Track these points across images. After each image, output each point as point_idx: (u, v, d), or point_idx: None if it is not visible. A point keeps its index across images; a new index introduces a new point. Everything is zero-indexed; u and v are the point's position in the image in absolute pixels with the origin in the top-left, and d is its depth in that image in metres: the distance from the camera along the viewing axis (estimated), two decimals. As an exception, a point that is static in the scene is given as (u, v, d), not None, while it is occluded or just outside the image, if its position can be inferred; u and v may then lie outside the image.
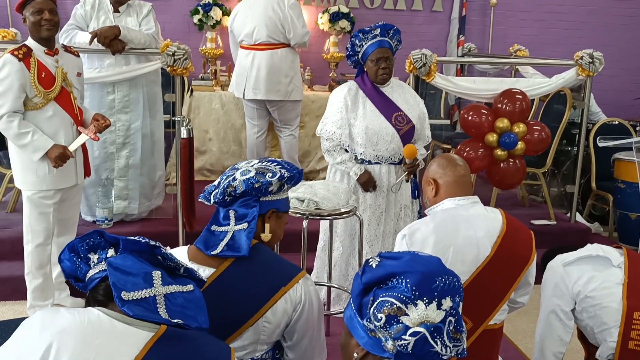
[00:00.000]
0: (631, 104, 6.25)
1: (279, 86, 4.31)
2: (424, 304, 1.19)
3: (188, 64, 3.57)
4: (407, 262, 1.25)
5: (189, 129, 3.49)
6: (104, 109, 3.61)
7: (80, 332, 1.22)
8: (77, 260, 1.37)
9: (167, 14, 5.58)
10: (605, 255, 2.18)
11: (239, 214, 1.69)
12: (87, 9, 3.63)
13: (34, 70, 2.80)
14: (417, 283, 1.20)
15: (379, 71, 2.98)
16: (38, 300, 3.07)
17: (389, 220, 3.09)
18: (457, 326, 1.21)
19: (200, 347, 1.33)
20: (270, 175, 1.69)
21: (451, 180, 2.05)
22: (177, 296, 1.32)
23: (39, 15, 2.82)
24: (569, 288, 2.17)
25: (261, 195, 1.70)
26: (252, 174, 1.69)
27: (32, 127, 2.81)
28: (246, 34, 4.29)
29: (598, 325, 2.13)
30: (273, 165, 1.74)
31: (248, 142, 4.64)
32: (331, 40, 5.70)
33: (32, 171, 2.89)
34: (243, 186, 1.67)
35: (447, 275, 1.23)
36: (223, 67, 5.45)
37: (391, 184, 3.05)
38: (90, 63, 3.60)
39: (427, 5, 6.04)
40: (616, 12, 6.27)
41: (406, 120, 3.01)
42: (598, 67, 3.98)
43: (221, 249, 1.66)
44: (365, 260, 1.31)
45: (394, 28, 3.03)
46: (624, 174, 4.33)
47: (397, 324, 1.19)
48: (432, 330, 1.18)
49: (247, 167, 1.73)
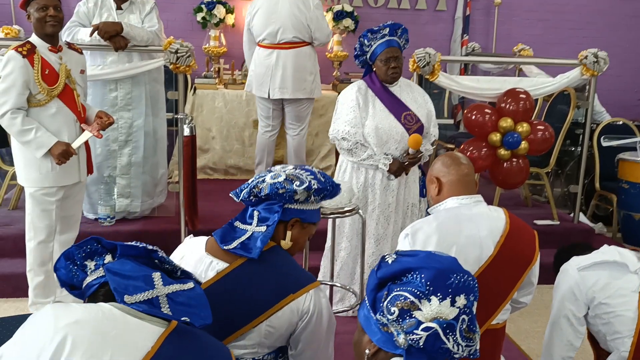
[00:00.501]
0: (635, 104, 6.23)
1: (304, 84, 4.30)
2: (438, 299, 1.19)
3: (191, 61, 3.57)
4: (423, 259, 1.26)
5: (192, 126, 3.49)
6: (106, 107, 3.61)
7: (95, 324, 1.21)
8: (73, 268, 1.37)
9: (170, 11, 5.58)
10: (622, 261, 2.14)
11: (262, 216, 1.69)
12: (90, 6, 3.63)
13: (37, 67, 2.80)
14: (431, 278, 1.21)
15: (389, 71, 2.98)
16: (40, 297, 3.07)
17: (397, 218, 3.08)
18: (471, 325, 1.21)
19: (206, 345, 1.34)
20: (298, 184, 1.66)
21: (454, 179, 2.03)
22: (179, 295, 1.33)
23: (43, 11, 2.82)
24: (584, 294, 2.14)
25: (286, 202, 1.68)
26: (281, 178, 1.67)
27: (35, 124, 2.81)
28: (269, 33, 4.23)
29: (611, 333, 2.10)
30: (306, 174, 1.71)
31: (259, 141, 4.57)
32: (335, 39, 5.69)
33: (35, 168, 2.89)
34: (268, 189, 1.66)
35: (463, 273, 1.23)
36: (226, 65, 5.45)
37: (400, 183, 3.05)
38: (93, 60, 3.60)
39: (431, 4, 6.03)
40: (621, 11, 6.25)
41: (415, 119, 3.01)
42: (602, 66, 3.96)
43: (235, 245, 1.65)
44: (381, 256, 1.31)
45: (402, 27, 3.03)
46: (628, 174, 4.31)
47: (410, 319, 1.19)
48: (444, 327, 1.18)
49: (280, 171, 1.72)
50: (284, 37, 4.21)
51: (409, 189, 3.08)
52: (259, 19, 4.26)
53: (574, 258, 2.22)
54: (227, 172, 5.00)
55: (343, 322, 3.14)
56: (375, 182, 3.02)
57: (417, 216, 3.10)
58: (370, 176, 3.03)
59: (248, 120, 4.89)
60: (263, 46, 4.31)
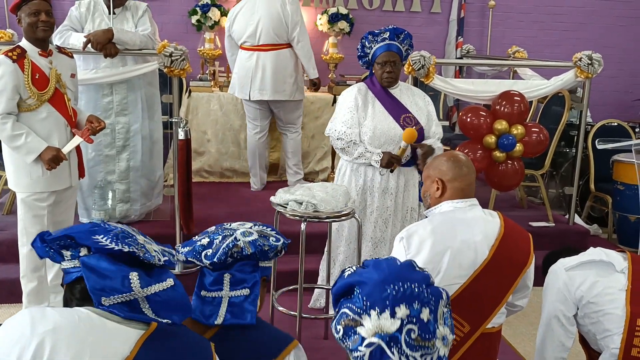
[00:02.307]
0: (630, 105, 6.24)
1: (284, 86, 4.36)
2: (377, 313, 1.17)
3: (185, 64, 3.55)
4: (366, 271, 1.24)
5: (186, 130, 3.48)
6: (99, 112, 3.59)
7: (73, 330, 1.20)
8: (49, 251, 1.35)
9: (165, 14, 5.57)
10: (608, 261, 2.16)
11: (236, 279, 1.57)
12: (82, 11, 3.62)
13: (28, 71, 2.78)
14: (367, 293, 1.19)
15: (384, 75, 2.98)
16: (33, 303, 3.05)
17: (396, 222, 3.07)
18: (422, 333, 1.17)
19: (188, 342, 1.34)
20: (274, 240, 1.60)
21: (459, 187, 2.01)
22: (159, 294, 1.31)
23: (35, 16, 2.80)
24: (572, 293, 2.15)
25: (262, 260, 1.60)
26: (255, 236, 1.59)
27: (25, 129, 2.79)
28: (249, 35, 4.30)
29: (600, 331, 2.11)
30: (269, 229, 1.66)
31: (249, 143, 4.63)
32: (330, 41, 5.69)
33: (25, 173, 2.87)
34: (252, 248, 1.56)
35: (406, 281, 1.20)
36: (221, 67, 5.44)
37: (399, 186, 3.04)
38: (86, 64, 3.59)
39: (426, 7, 6.03)
40: (615, 13, 6.27)
41: (414, 121, 3.00)
42: (597, 68, 3.96)
43: (223, 318, 1.54)
44: (342, 270, 1.29)
45: (405, 32, 3.02)
46: (623, 175, 4.32)
47: (354, 335, 1.18)
48: (387, 341, 1.15)
49: (246, 229, 1.61)
50: (263, 37, 4.28)
51: (408, 193, 3.07)
52: (239, 22, 4.33)
53: (561, 260, 2.24)
54: (223, 174, 5.00)
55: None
56: (374, 185, 3.01)
57: (416, 220, 3.08)
58: (369, 179, 3.02)
59: (243, 123, 4.88)
60: (244, 48, 4.38)
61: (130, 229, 1.40)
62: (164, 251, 1.41)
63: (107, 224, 1.37)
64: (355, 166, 3.04)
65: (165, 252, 1.40)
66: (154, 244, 1.41)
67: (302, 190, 2.69)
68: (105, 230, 1.32)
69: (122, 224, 1.44)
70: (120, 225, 1.40)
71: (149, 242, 1.40)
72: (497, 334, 2.09)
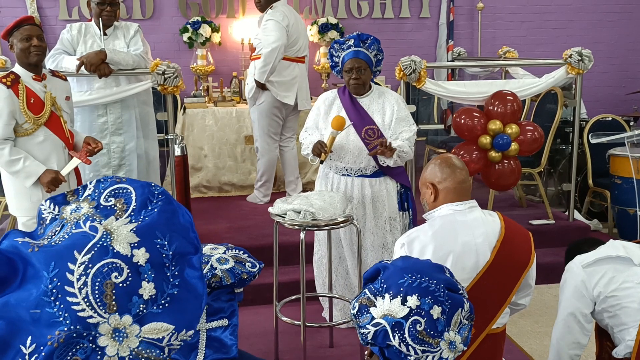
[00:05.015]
0: (624, 99, 6.26)
1: (309, 95, 4.61)
2: (390, 297, 1.24)
3: (179, 82, 3.58)
4: (396, 260, 1.33)
5: (183, 146, 3.49)
6: (95, 132, 3.60)
7: None
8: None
9: (156, 33, 5.60)
10: (626, 256, 2.16)
11: (213, 309, 1.46)
12: (74, 34, 3.64)
13: (22, 96, 2.80)
14: (387, 277, 1.27)
15: (351, 81, 2.97)
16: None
17: (377, 231, 3.04)
18: (428, 329, 1.21)
19: None
20: (250, 266, 1.52)
21: (450, 187, 2.01)
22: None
23: (27, 42, 2.83)
24: (589, 290, 2.15)
25: (238, 287, 1.51)
26: (231, 263, 1.49)
27: (23, 154, 2.80)
28: (297, 47, 4.41)
29: (617, 325, 2.11)
30: (242, 253, 1.57)
31: (268, 160, 4.50)
32: (321, 51, 5.73)
33: (25, 197, 2.88)
34: (231, 278, 1.46)
35: (425, 276, 1.25)
36: (215, 83, 5.46)
37: (365, 197, 2.98)
38: (80, 86, 3.60)
39: (415, 12, 6.07)
40: (603, 8, 6.31)
41: (378, 134, 2.92)
42: (587, 64, 3.99)
43: (203, 354, 1.40)
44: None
45: (372, 38, 2.97)
46: (619, 169, 4.33)
47: (366, 314, 1.26)
48: (392, 325, 1.21)
49: (220, 254, 1.52)
50: (303, 50, 4.48)
51: (384, 203, 3.00)
52: (292, 32, 4.35)
53: (578, 256, 2.23)
54: (222, 189, 5.00)
55: (344, 334, 3.13)
56: (353, 191, 2.99)
57: (398, 230, 3.03)
58: (335, 187, 3.02)
59: (239, 137, 4.90)
60: (286, 58, 4.36)
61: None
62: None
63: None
64: (324, 172, 3.08)
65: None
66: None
67: (300, 200, 2.70)
68: None
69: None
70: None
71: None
72: (501, 334, 2.09)
